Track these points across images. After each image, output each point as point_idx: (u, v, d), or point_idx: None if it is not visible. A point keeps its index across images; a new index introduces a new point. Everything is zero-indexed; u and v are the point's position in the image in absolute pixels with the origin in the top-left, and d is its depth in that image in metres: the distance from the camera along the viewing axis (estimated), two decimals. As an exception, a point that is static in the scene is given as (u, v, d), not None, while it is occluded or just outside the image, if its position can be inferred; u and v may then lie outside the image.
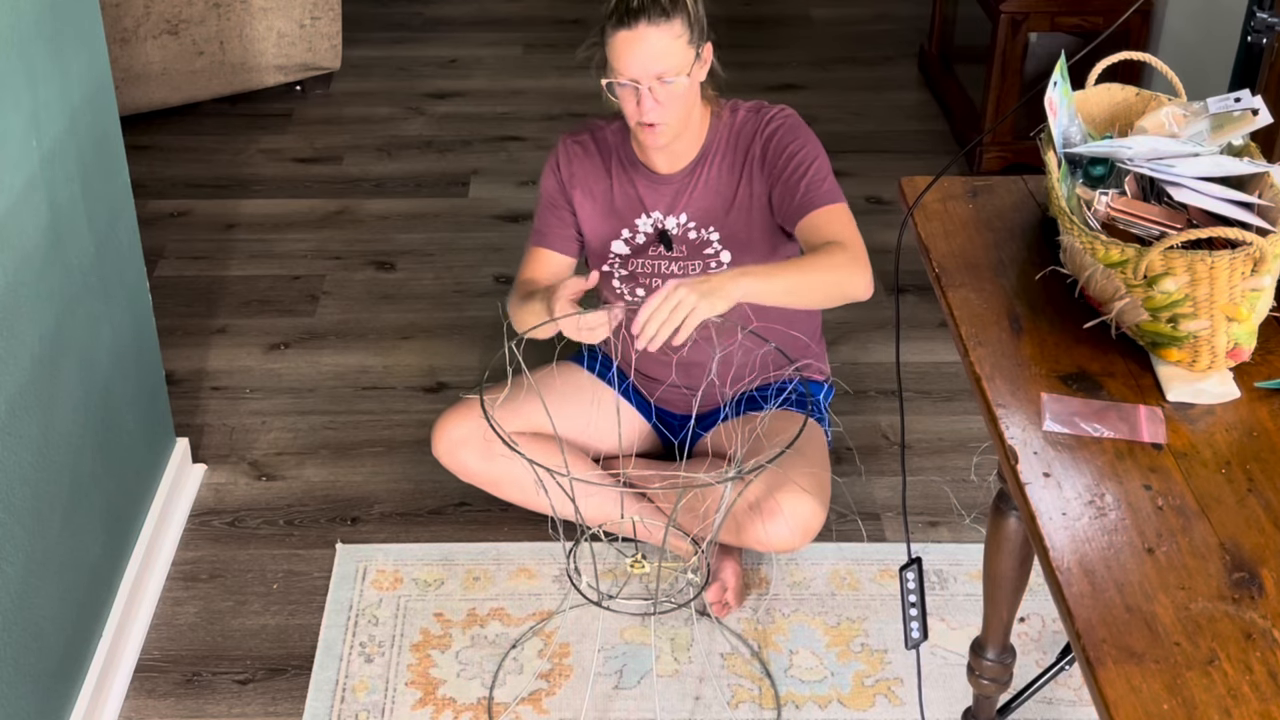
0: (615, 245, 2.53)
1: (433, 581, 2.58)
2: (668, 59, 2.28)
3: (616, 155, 2.52)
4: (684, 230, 2.50)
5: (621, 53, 2.28)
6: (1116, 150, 1.74)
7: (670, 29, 2.27)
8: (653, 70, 2.28)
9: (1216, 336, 1.62)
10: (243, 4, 4.07)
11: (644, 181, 2.50)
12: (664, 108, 2.32)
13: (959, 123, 4.14)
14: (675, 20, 2.27)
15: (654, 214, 2.51)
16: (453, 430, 2.52)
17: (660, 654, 2.43)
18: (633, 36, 2.26)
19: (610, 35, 2.29)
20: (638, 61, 2.27)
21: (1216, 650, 1.30)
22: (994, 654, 2.09)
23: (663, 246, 2.51)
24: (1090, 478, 1.50)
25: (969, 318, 1.73)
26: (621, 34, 2.27)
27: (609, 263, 2.54)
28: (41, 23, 2.10)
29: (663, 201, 2.50)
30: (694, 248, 2.50)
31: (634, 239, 2.52)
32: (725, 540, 2.47)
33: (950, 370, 3.12)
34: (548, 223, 2.55)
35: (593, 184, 2.52)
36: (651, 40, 2.26)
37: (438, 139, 4.20)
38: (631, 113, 2.34)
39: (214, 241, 3.65)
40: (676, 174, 2.48)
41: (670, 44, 2.27)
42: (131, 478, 2.51)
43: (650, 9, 2.26)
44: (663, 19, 2.26)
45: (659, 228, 2.51)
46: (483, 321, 3.33)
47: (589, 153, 2.53)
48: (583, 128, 2.56)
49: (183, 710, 2.34)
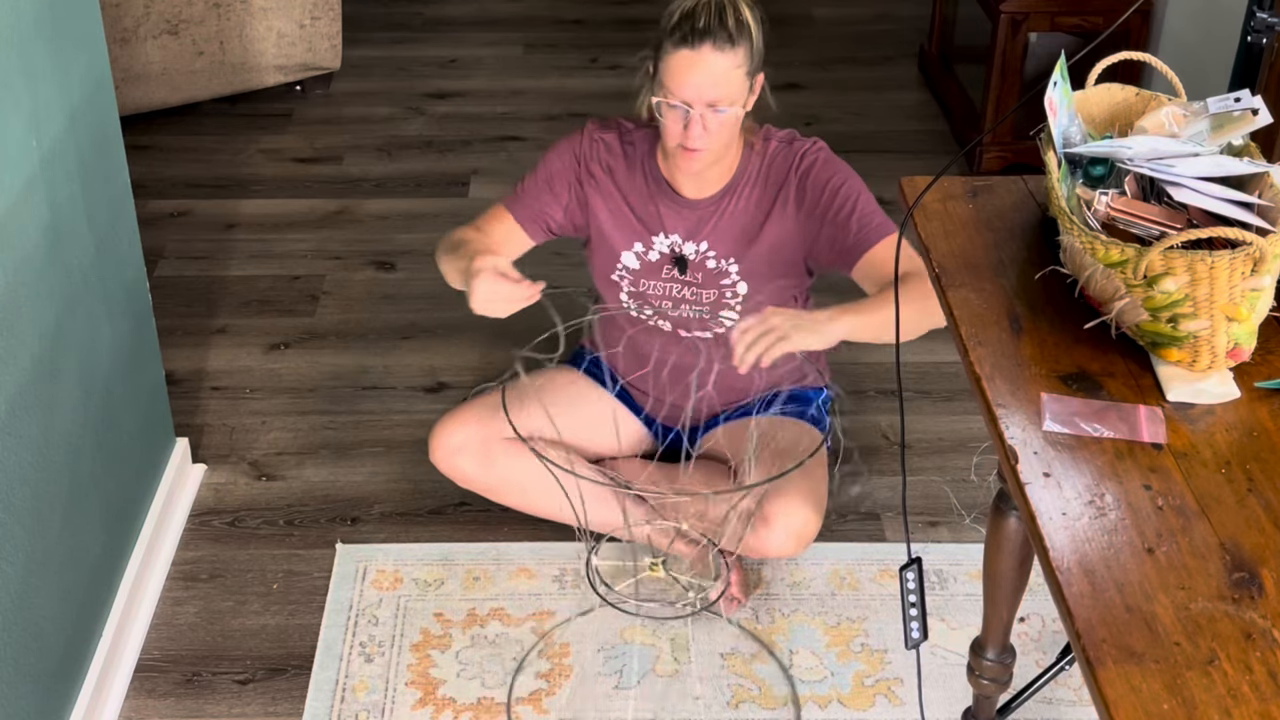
0: (626, 257, 2.48)
1: (433, 581, 2.58)
2: (724, 87, 2.22)
3: (642, 167, 2.44)
4: (702, 258, 2.44)
5: (679, 73, 2.21)
6: (1116, 150, 1.74)
7: (733, 57, 2.21)
8: (707, 96, 2.22)
9: (1216, 336, 1.62)
10: (243, 4, 4.07)
11: (667, 202, 2.43)
12: (710, 135, 2.26)
13: (959, 123, 4.14)
14: (739, 49, 2.22)
15: (672, 236, 2.44)
16: (449, 437, 2.51)
17: (660, 654, 2.43)
18: (695, 58, 2.20)
19: (669, 53, 2.22)
20: (694, 85, 2.21)
21: (1216, 650, 1.30)
22: (994, 654, 2.08)
23: (676, 269, 2.47)
24: (1090, 478, 1.50)
25: (969, 318, 1.73)
26: (683, 53, 2.20)
27: (616, 273, 2.50)
28: (41, 23, 2.10)
29: (684, 226, 2.43)
30: (710, 276, 2.45)
31: (646, 255, 2.47)
32: (721, 546, 2.46)
33: (950, 370, 3.12)
34: (535, 197, 2.46)
35: (612, 189, 2.45)
36: (712, 65, 2.20)
37: (438, 139, 4.20)
38: (675, 135, 2.27)
39: (214, 241, 3.65)
40: (703, 200, 2.42)
41: (730, 72, 2.22)
42: (131, 478, 2.51)
43: (717, 33, 2.19)
44: (727, 45, 2.20)
45: (676, 252, 2.45)
46: (483, 322, 3.31)
47: (614, 155, 2.45)
48: (610, 125, 2.48)
49: (183, 710, 2.34)
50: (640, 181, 2.44)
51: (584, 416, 2.57)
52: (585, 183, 2.45)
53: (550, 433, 2.48)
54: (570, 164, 2.46)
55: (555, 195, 2.46)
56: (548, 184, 2.46)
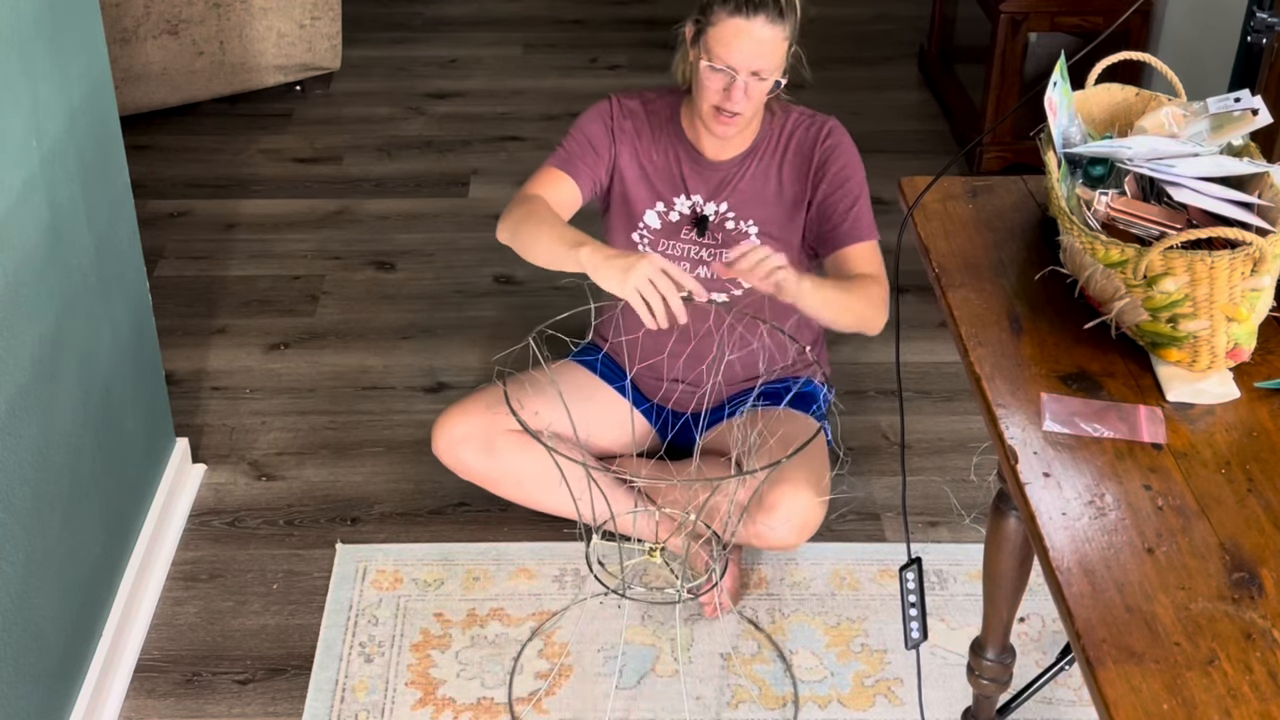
0: (649, 216, 2.54)
1: (433, 581, 2.58)
2: (771, 58, 2.31)
3: (666, 129, 2.52)
4: (722, 219, 2.51)
5: (730, 40, 2.29)
6: (1116, 150, 1.74)
7: (782, 29, 2.31)
8: (754, 65, 2.30)
9: (1216, 336, 1.62)
10: (243, 4, 4.07)
11: (689, 162, 2.51)
12: (750, 101, 2.35)
13: (959, 123, 4.14)
14: (787, 23, 2.31)
15: (694, 197, 2.52)
16: (453, 428, 2.52)
17: (660, 654, 2.43)
18: (748, 27, 2.28)
19: (722, 19, 2.30)
20: (743, 53, 2.29)
21: (1216, 650, 1.30)
22: (994, 654, 2.09)
23: (695, 231, 2.52)
24: (1090, 478, 1.50)
25: (969, 318, 1.73)
26: (737, 21, 2.29)
27: (638, 231, 2.54)
28: (41, 23, 2.10)
29: (705, 187, 2.51)
30: (730, 237, 2.51)
31: (668, 214, 2.53)
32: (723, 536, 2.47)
33: (950, 370, 3.12)
34: (580, 155, 2.51)
35: (639, 149, 2.52)
36: (763, 36, 2.29)
37: (438, 139, 4.20)
38: (716, 98, 2.35)
39: (214, 241, 3.65)
40: (724, 162, 2.50)
41: (778, 45, 2.31)
42: (131, 478, 2.51)
43: (770, 6, 2.28)
44: (778, 19, 2.29)
45: (698, 212, 2.52)
46: (483, 321, 3.32)
47: (639, 118, 2.53)
48: (633, 94, 2.56)
49: (183, 710, 2.34)
50: (666, 142, 2.52)
51: (589, 411, 2.58)
52: (618, 141, 2.52)
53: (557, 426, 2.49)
54: (603, 128, 2.53)
55: (596, 155, 2.52)
56: (588, 145, 2.52)
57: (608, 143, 2.52)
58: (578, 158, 2.50)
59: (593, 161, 2.51)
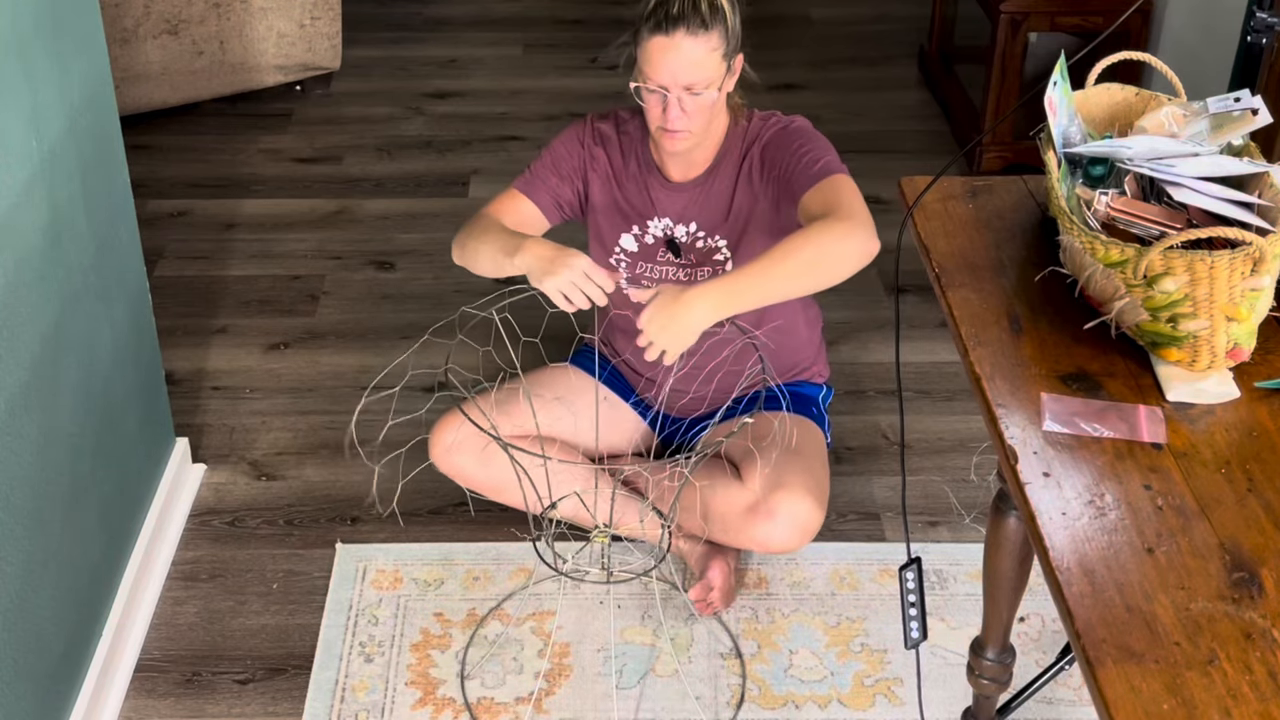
0: (625, 239, 2.52)
1: (433, 581, 2.58)
2: (700, 71, 2.24)
3: (635, 153, 2.49)
4: (692, 239, 2.49)
5: (654, 59, 2.24)
6: (1116, 150, 1.74)
7: (707, 41, 2.23)
8: (683, 80, 2.25)
9: (1216, 336, 1.62)
10: (243, 4, 4.07)
11: (657, 186, 2.48)
12: (689, 117, 2.29)
13: (959, 123, 4.14)
14: (713, 32, 2.24)
15: (664, 220, 2.49)
16: (447, 436, 2.52)
17: (660, 654, 2.43)
18: (668, 44, 2.23)
19: (645, 39, 2.25)
20: (669, 70, 2.24)
21: (1216, 650, 1.30)
22: (994, 654, 2.09)
23: (670, 254, 2.51)
24: (1090, 478, 1.50)
25: (969, 318, 1.73)
26: (657, 40, 2.23)
27: (615, 256, 2.54)
28: (41, 23, 2.10)
29: (673, 209, 2.48)
30: (702, 255, 2.49)
31: (644, 238, 2.51)
32: (723, 540, 2.47)
33: (950, 370, 3.12)
34: (545, 179, 2.49)
35: (610, 174, 2.50)
36: (686, 51, 2.22)
37: (437, 139, 4.20)
38: (655, 118, 2.32)
39: (214, 241, 3.65)
40: (688, 183, 2.46)
41: (705, 56, 2.24)
42: (131, 478, 2.51)
43: (690, 18, 2.21)
44: (701, 30, 2.22)
45: (669, 235, 2.49)
46: (483, 321, 3.32)
47: (611, 143, 2.50)
48: (609, 115, 2.53)
49: (183, 710, 2.34)
50: (634, 167, 2.50)
51: (583, 413, 2.58)
52: (589, 167, 2.50)
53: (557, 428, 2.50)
54: (576, 151, 2.50)
55: (562, 180, 2.50)
56: (554, 168, 2.50)
57: (578, 167, 2.49)
58: (540, 180, 2.49)
59: (556, 185, 2.48)
